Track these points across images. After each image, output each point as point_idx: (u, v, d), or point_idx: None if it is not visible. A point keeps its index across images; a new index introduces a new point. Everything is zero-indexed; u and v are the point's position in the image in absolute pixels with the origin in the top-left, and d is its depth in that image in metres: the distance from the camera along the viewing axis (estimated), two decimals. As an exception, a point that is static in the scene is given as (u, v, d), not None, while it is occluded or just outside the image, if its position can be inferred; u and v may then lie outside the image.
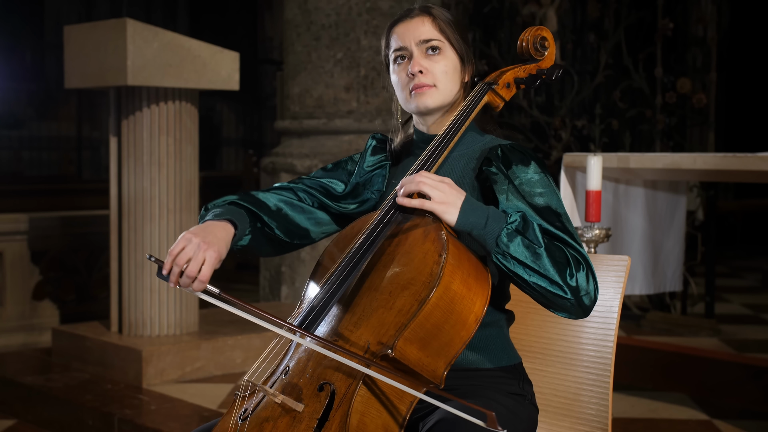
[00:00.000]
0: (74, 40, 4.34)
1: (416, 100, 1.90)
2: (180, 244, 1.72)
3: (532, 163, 1.83)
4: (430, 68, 1.89)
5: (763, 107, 9.67)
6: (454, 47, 1.92)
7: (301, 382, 1.70)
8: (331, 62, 5.09)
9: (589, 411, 2.06)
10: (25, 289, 5.29)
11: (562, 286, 1.69)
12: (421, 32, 1.90)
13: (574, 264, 1.70)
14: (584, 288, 1.70)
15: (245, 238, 1.88)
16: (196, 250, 1.70)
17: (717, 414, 3.83)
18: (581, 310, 1.73)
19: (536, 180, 1.81)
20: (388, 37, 1.96)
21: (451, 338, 1.69)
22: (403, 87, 1.92)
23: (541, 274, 1.69)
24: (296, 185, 2.01)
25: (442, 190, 1.72)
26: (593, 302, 1.73)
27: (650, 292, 4.80)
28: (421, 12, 1.93)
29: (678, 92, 5.48)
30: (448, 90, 1.91)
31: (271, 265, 5.22)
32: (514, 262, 1.69)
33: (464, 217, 1.71)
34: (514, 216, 1.72)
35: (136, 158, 4.20)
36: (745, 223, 10.04)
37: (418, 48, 1.90)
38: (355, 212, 2.02)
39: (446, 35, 1.91)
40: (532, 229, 1.71)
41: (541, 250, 1.69)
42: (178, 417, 3.63)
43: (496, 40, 6.13)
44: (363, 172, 2.02)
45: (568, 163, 3.92)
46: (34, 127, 12.21)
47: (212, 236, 1.75)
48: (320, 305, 1.76)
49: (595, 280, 1.73)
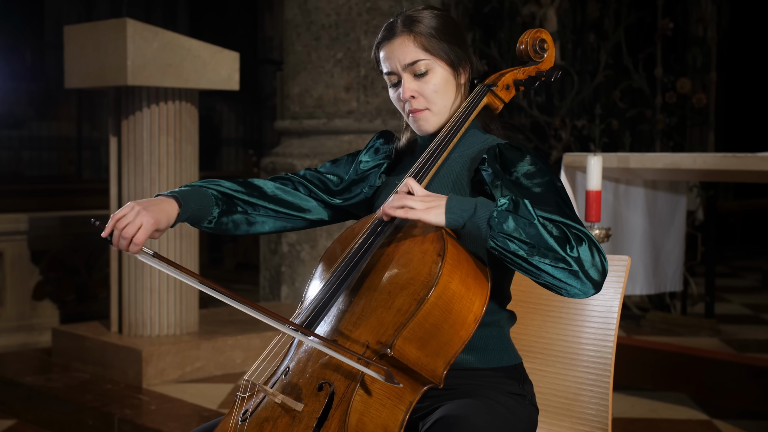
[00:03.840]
0: (74, 40, 4.34)
1: (415, 125, 1.93)
2: (123, 210, 1.83)
3: (527, 157, 1.82)
4: (421, 91, 1.88)
5: (763, 107, 9.67)
6: (443, 59, 1.89)
7: (301, 382, 1.71)
8: (331, 62, 5.09)
9: (589, 411, 2.06)
10: (25, 289, 5.29)
11: (564, 259, 1.65)
12: (405, 55, 1.88)
13: (575, 239, 1.67)
14: (589, 260, 1.67)
15: (211, 219, 1.95)
16: (135, 215, 1.81)
17: (717, 414, 3.83)
18: (591, 284, 1.68)
19: (532, 171, 1.80)
20: (377, 56, 1.94)
21: (450, 338, 1.69)
22: (401, 109, 1.94)
23: (539, 249, 1.65)
24: (294, 176, 2.06)
25: (423, 200, 1.72)
26: (603, 275, 1.69)
27: (651, 292, 4.80)
28: (402, 30, 1.88)
29: (678, 92, 5.48)
30: (442, 106, 1.90)
31: (271, 264, 5.22)
32: (508, 241, 1.65)
33: (451, 213, 1.70)
34: (502, 200, 1.69)
35: (136, 158, 4.20)
36: (745, 223, 10.04)
37: (405, 72, 1.88)
38: (344, 206, 2.05)
39: (431, 51, 1.88)
40: (524, 206, 1.67)
41: (535, 222, 1.66)
42: (178, 417, 3.64)
43: (496, 40, 6.13)
44: (360, 170, 2.04)
45: (568, 163, 3.92)
46: (34, 127, 12.21)
47: (154, 207, 1.84)
48: (320, 305, 1.77)
49: (600, 254, 1.69)
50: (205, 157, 9.34)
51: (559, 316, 2.13)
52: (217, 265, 8.26)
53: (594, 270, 1.67)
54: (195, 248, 4.34)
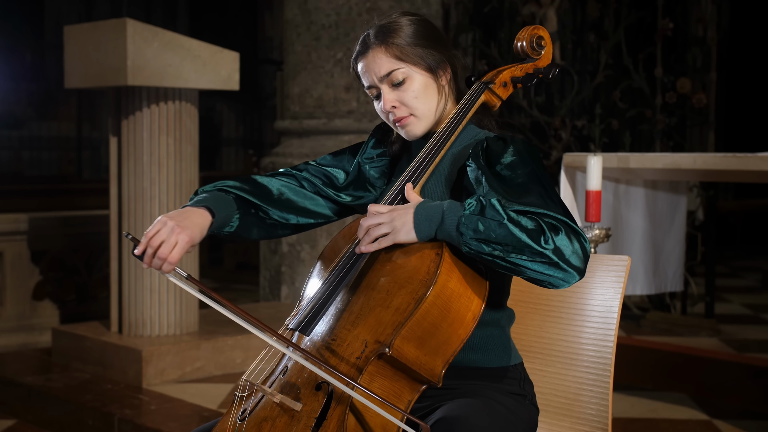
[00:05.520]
0: (74, 40, 4.34)
1: (404, 132, 1.92)
2: (156, 226, 1.77)
3: (510, 147, 1.79)
4: (401, 99, 1.87)
5: (763, 107, 9.67)
6: (418, 65, 1.87)
7: (299, 381, 1.71)
8: (331, 62, 5.09)
9: (589, 411, 2.06)
10: (25, 289, 5.29)
11: (541, 252, 1.61)
12: (379, 68, 1.87)
13: (550, 229, 1.63)
14: (568, 248, 1.62)
15: (232, 225, 1.92)
16: (169, 233, 1.75)
17: (717, 414, 3.83)
18: (574, 271, 1.64)
19: (515, 162, 1.76)
20: (356, 70, 1.93)
21: (448, 336, 1.69)
22: (387, 120, 1.93)
23: (515, 248, 1.62)
24: (300, 173, 2.04)
25: (391, 220, 1.71)
26: (585, 259, 1.64)
27: (651, 292, 4.80)
28: (374, 42, 1.87)
29: (678, 92, 5.48)
30: (427, 110, 1.89)
31: (271, 265, 5.22)
32: (482, 244, 1.64)
33: (420, 227, 1.70)
34: (468, 201, 1.68)
35: (136, 158, 4.20)
36: (745, 223, 10.04)
37: (383, 84, 1.88)
38: (352, 204, 2.03)
39: (405, 59, 1.86)
40: (491, 207, 1.65)
41: (504, 222, 1.63)
42: (178, 417, 3.63)
43: (496, 40, 6.13)
44: (363, 163, 2.04)
45: (568, 163, 3.92)
46: (34, 127, 12.21)
47: (187, 221, 1.79)
48: (318, 304, 1.77)
49: (580, 238, 1.64)
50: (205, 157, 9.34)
51: (559, 316, 2.13)
52: (217, 265, 8.26)
53: (575, 257, 1.63)
54: (195, 248, 4.33)
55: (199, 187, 2.20)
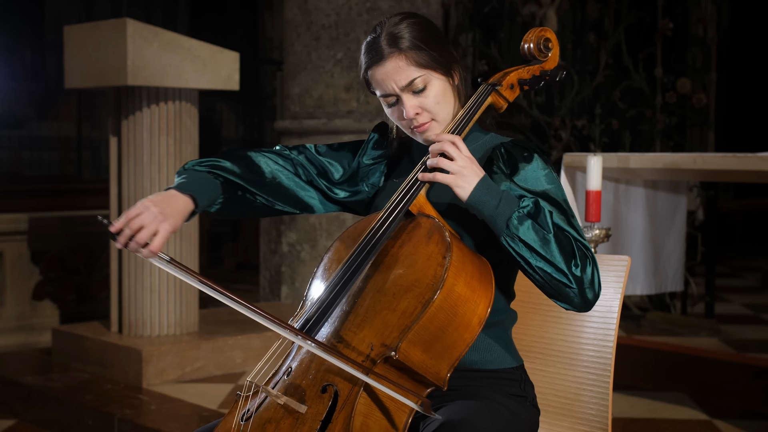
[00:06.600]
0: (74, 40, 4.34)
1: (422, 137, 1.89)
2: (137, 208, 1.72)
3: (536, 158, 1.82)
4: (423, 105, 1.84)
5: (763, 107, 9.66)
6: (436, 69, 1.85)
7: (304, 383, 1.70)
8: (331, 62, 5.09)
9: (589, 411, 2.06)
10: (25, 289, 5.29)
11: (567, 275, 1.69)
12: (400, 76, 1.82)
13: (580, 257, 1.71)
14: (588, 281, 1.71)
15: (212, 208, 1.89)
16: (152, 219, 1.70)
17: (717, 414, 3.83)
18: (583, 303, 1.73)
19: (542, 176, 1.80)
20: (366, 78, 1.89)
21: (454, 340, 1.68)
22: (404, 126, 1.90)
23: (547, 260, 1.69)
24: (297, 157, 2.00)
25: (462, 160, 1.73)
26: (596, 297, 1.73)
27: (652, 292, 4.80)
28: (390, 51, 1.82)
29: (678, 92, 5.48)
30: (446, 113, 1.88)
31: (271, 265, 5.22)
32: (522, 245, 1.70)
33: (477, 194, 1.72)
34: (526, 200, 1.72)
35: (136, 158, 4.20)
36: (745, 223, 10.04)
37: (404, 93, 1.84)
38: (344, 200, 2.02)
39: (424, 65, 1.83)
40: (544, 215, 1.71)
41: (550, 236, 1.69)
42: (178, 417, 3.63)
43: (496, 40, 6.13)
44: (362, 164, 2.02)
45: (568, 163, 3.92)
46: (34, 127, 12.20)
47: (170, 208, 1.74)
48: (323, 306, 1.76)
49: (599, 277, 1.73)
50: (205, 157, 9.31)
51: (559, 316, 2.13)
52: (217, 265, 8.26)
53: (590, 292, 1.72)
54: (195, 248, 4.34)
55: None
